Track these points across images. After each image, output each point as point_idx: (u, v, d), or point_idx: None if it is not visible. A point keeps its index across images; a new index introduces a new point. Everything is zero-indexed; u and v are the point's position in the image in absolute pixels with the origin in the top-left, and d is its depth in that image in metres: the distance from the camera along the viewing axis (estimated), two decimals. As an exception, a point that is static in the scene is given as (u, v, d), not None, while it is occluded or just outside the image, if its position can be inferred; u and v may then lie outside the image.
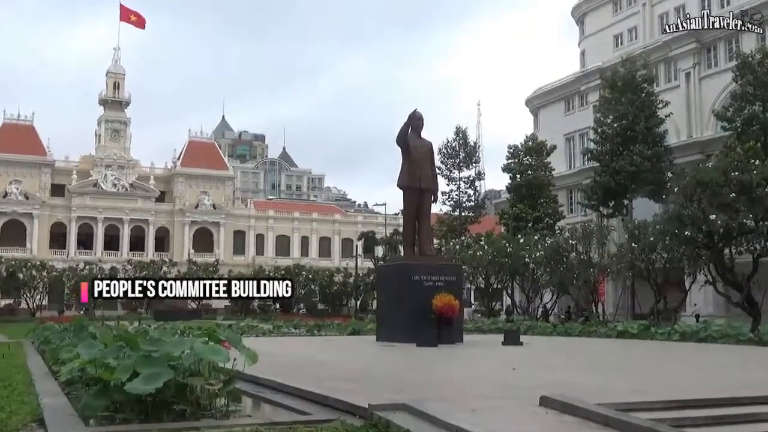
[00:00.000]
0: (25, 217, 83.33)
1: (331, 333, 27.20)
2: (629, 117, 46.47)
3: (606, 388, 8.77)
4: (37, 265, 64.35)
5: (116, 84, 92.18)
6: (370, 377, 10.12)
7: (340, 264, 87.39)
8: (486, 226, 61.15)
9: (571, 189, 61.25)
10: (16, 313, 61.23)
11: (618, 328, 23.79)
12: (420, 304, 17.87)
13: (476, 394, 8.21)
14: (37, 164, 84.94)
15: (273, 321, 35.33)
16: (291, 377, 9.36)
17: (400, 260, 21.18)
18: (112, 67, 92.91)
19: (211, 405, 6.89)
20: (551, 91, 64.96)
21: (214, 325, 23.78)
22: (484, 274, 46.16)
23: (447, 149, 64.99)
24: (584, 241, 40.47)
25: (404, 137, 19.40)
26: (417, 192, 19.56)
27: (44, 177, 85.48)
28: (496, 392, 8.47)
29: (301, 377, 9.53)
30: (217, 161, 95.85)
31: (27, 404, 8.03)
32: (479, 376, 10.72)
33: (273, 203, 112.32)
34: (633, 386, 8.98)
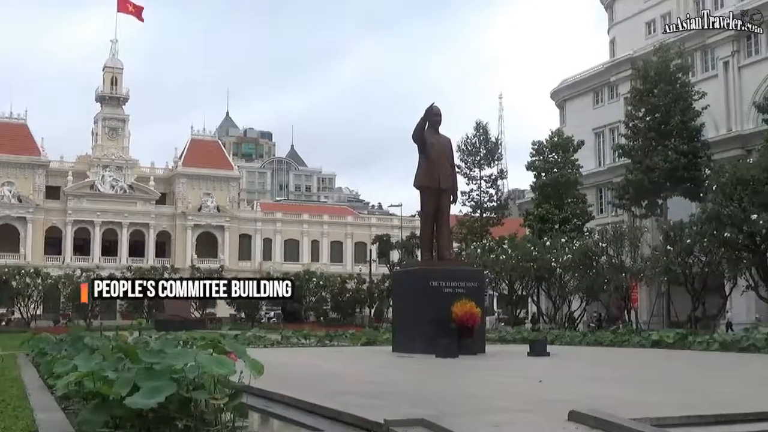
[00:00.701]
0: (18, 221, 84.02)
1: (343, 343, 27.20)
2: (663, 110, 46.26)
3: (641, 401, 8.71)
4: (31, 273, 64.81)
5: (114, 79, 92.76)
6: (386, 391, 10.11)
7: (353, 270, 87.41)
8: (509, 229, 61.02)
9: (600, 188, 61.02)
10: (9, 324, 61.70)
11: (652, 337, 23.64)
12: (439, 313, 17.84)
13: (499, 409, 8.18)
14: (30, 165, 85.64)
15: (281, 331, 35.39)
16: (302, 391, 9.36)
17: (418, 265, 21.15)
18: (110, 61, 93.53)
19: (216, 420, 6.90)
20: (578, 82, 64.76)
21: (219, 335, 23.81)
22: (507, 279, 46.08)
23: (467, 146, 64.97)
24: (615, 243, 40.32)
25: (421, 133, 19.37)
26: (435, 192, 19.53)
27: (38, 178, 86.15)
28: (521, 406, 8.43)
29: (313, 391, 9.54)
30: (221, 160, 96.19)
31: (21, 420, 8.08)
32: (503, 389, 10.69)
33: (281, 205, 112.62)
34: (671, 400, 8.92)
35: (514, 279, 45.75)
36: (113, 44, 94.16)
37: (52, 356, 12.89)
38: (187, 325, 46.01)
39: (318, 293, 69.19)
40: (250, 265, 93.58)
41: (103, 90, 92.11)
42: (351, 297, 68.24)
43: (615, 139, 58.73)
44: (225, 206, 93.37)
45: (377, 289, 66.89)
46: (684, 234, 36.55)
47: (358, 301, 68.67)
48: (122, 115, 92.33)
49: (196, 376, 6.96)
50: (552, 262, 42.37)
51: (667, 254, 36.40)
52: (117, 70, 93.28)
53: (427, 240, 20.18)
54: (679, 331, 25.26)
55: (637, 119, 48.13)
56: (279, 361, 15.52)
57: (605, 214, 59.64)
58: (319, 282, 68.74)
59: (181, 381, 6.79)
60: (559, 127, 61.78)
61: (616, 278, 39.25)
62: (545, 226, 52.05)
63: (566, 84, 66.47)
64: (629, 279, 39.86)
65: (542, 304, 48.89)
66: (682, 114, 46.23)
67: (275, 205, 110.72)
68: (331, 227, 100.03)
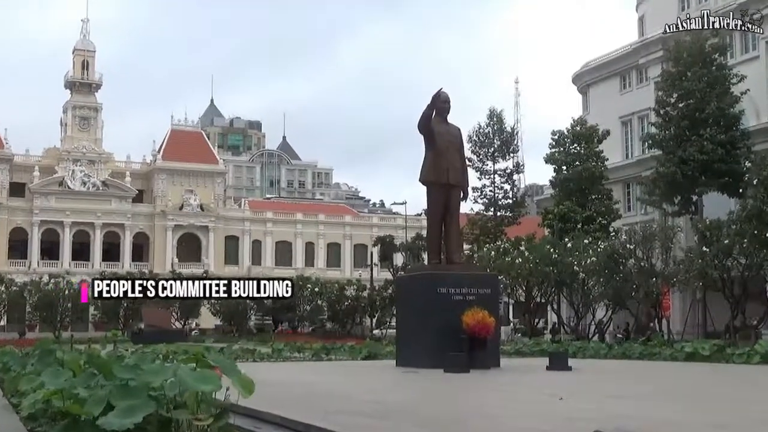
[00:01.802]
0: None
1: (342, 357, 27.22)
2: (697, 95, 46.22)
3: (672, 420, 8.71)
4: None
5: (85, 63, 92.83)
6: (389, 410, 10.12)
7: (352, 275, 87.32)
8: (526, 228, 61.02)
9: (628, 182, 60.99)
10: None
11: (686, 349, 23.64)
12: (448, 322, 17.84)
13: (516, 429, 8.18)
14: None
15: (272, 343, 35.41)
16: (295, 410, 9.37)
17: (424, 270, 21.16)
18: (80, 43, 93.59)
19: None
20: (604, 65, 64.72)
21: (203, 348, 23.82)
22: (524, 285, 46.06)
23: (479, 136, 65.00)
24: (645, 244, 40.29)
25: (427, 123, 19.37)
26: (443, 188, 19.53)
27: (1, 174, 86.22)
28: (540, 426, 8.43)
29: (308, 410, 9.54)
30: (204, 153, 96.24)
31: (-18, 444, 8.08)
32: (519, 407, 10.69)
33: (271, 203, 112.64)
34: (705, 419, 8.92)
35: (532, 285, 45.71)
36: (84, 24, 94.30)
37: (16, 372, 12.90)
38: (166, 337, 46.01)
39: (313, 301, 69.17)
40: (237, 269, 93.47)
41: (73, 75, 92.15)
42: (350, 305, 68.18)
43: (644, 128, 58.68)
44: (209, 204, 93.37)
45: (379, 297, 66.85)
46: (721, 234, 36.51)
47: (358, 310, 68.61)
48: (94, 103, 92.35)
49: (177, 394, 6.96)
50: (574, 266, 42.33)
51: (702, 256, 36.35)
52: (89, 53, 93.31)
53: (435, 242, 20.18)
54: (716, 342, 25.26)
55: (669, 106, 48.08)
56: (270, 376, 15.53)
57: (633, 212, 59.57)
58: (315, 289, 68.69)
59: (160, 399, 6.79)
60: (581, 115, 61.73)
61: (646, 284, 39.21)
62: (566, 226, 52.00)
63: (590, 67, 66.41)
64: (660, 284, 39.82)
65: (563, 313, 48.85)
66: (718, 100, 46.18)
67: (265, 203, 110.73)
68: (327, 228, 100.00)
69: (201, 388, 7.04)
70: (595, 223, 52.43)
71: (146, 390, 6.81)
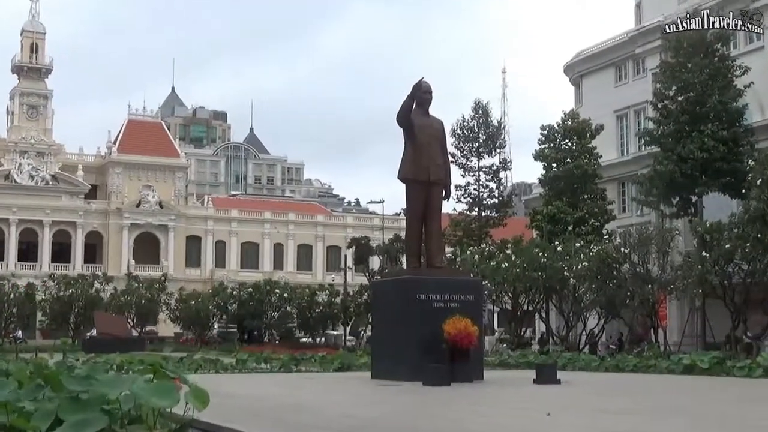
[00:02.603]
0: None
1: (312, 369, 27.20)
2: (698, 88, 46.53)
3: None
4: (-70, 282, 64.28)
5: (34, 46, 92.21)
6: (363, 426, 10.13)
7: (325, 279, 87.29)
8: (513, 230, 61.23)
9: (623, 181, 61.31)
10: None
11: (684, 361, 23.81)
12: (428, 331, 17.87)
13: (500, 448, 8.21)
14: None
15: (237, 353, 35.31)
16: (260, 426, 9.35)
17: (402, 274, 21.18)
18: (28, 24, 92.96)
19: (156, 461, 6.89)
20: (598, 54, 65.01)
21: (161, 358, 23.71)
22: (510, 292, 46.20)
23: (463, 130, 65.11)
24: (641, 248, 40.52)
25: (407, 115, 19.38)
26: (424, 186, 19.55)
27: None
28: (527, 445, 8.47)
29: (274, 426, 9.53)
30: (164, 146, 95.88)
31: None
32: (504, 423, 10.73)
33: (237, 200, 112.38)
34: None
35: (519, 291, 45.86)
36: (33, 3, 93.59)
37: (-44, 383, 12.81)
38: (121, 346, 45.76)
39: (281, 308, 69.01)
40: (199, 273, 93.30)
41: (21, 59, 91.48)
42: (322, 312, 68.10)
43: (641, 123, 58.98)
44: (169, 202, 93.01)
45: (353, 303, 66.84)
46: (723, 237, 36.74)
47: (331, 318, 68.54)
48: (44, 90, 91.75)
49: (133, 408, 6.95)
50: (564, 271, 42.50)
51: (702, 262, 36.59)
52: (38, 36, 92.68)
53: (415, 244, 20.21)
54: (715, 354, 25.45)
55: (668, 99, 48.35)
56: (234, 389, 15.48)
57: (628, 213, 59.89)
58: (283, 294, 68.53)
59: (113, 413, 6.77)
60: (573, 108, 62.00)
61: (641, 291, 39.45)
62: (556, 228, 52.20)
63: (583, 56, 66.68)
64: (657, 292, 40.07)
65: (552, 322, 49.04)
66: (720, 93, 46.50)
67: (230, 201, 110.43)
68: (298, 228, 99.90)
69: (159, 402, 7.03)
70: (587, 225, 52.67)
71: (99, 403, 6.79)
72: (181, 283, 79.47)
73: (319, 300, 68.07)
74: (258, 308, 66.18)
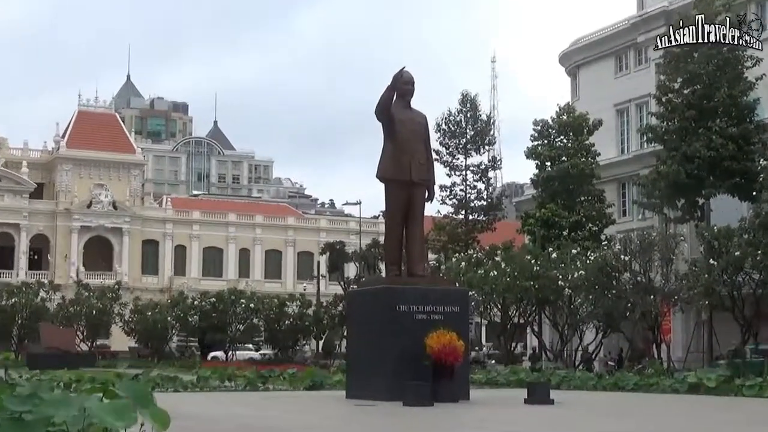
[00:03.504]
0: None
1: (281, 387, 27.14)
2: (706, 80, 46.78)
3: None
4: None
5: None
6: (336, 450, 10.13)
7: (295, 288, 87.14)
8: (503, 235, 61.31)
9: (623, 182, 61.60)
10: None
11: (689, 379, 23.91)
12: (408, 346, 17.87)
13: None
14: None
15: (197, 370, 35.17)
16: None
17: (381, 283, 21.17)
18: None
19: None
20: (596, 42, 65.30)
21: (114, 375, 23.59)
22: (500, 303, 46.26)
23: (449, 125, 65.26)
24: (642, 256, 40.68)
25: (387, 108, 19.38)
26: (405, 186, 19.56)
27: None
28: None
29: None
30: (119, 140, 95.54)
31: None
32: (492, 448, 10.76)
33: (199, 201, 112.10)
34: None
35: (509, 303, 45.93)
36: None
37: None
38: (70, 361, 45.50)
39: (247, 320, 68.83)
40: (156, 281, 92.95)
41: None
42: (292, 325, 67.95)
43: (643, 118, 59.28)
44: (124, 202, 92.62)
45: (327, 315, 66.75)
46: (732, 244, 36.97)
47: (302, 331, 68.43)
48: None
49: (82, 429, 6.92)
50: (559, 281, 42.61)
51: (709, 270, 36.80)
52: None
53: (394, 250, 20.21)
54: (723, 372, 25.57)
55: (672, 92, 48.57)
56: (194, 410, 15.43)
57: (629, 216, 60.16)
58: (249, 305, 68.33)
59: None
60: (569, 102, 62.19)
61: (643, 302, 39.59)
62: (550, 233, 52.35)
63: (580, 45, 66.96)
64: (660, 303, 40.25)
65: (545, 337, 49.17)
66: (730, 86, 46.75)
67: (191, 202, 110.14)
68: (266, 231, 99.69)
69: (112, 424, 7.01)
70: (584, 230, 52.85)
71: (44, 425, 6.76)
72: (136, 292, 79.13)
73: (288, 311, 67.88)
74: (222, 320, 65.93)
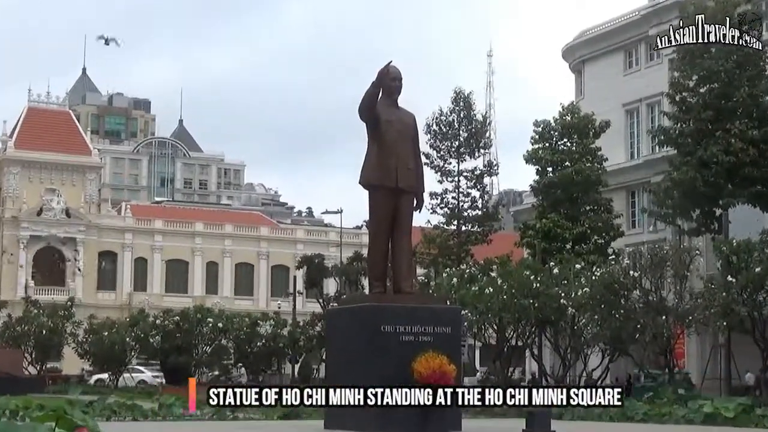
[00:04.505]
0: None
1: (253, 416, 27.13)
2: (724, 77, 46.92)
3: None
4: None
5: None
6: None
7: (269, 306, 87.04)
8: (499, 248, 61.30)
9: (633, 190, 61.76)
10: None
11: (705, 408, 23.97)
12: (394, 371, 17.87)
13: None
14: None
15: (159, 396, 35.08)
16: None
17: (364, 301, 21.16)
18: None
19: None
20: (604, 35, 65.50)
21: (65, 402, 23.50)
22: (495, 323, 46.27)
23: (440, 125, 65.20)
24: (653, 272, 40.74)
25: (372, 107, 19.37)
26: (391, 193, 19.56)
27: None
28: None
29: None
30: (73, 141, 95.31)
31: None
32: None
33: (162, 209, 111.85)
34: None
35: (506, 323, 45.92)
36: None
37: None
38: (17, 387, 45.34)
39: (215, 340, 68.73)
40: (114, 297, 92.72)
41: None
42: (265, 347, 67.88)
43: (655, 119, 59.46)
44: (78, 209, 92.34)
45: (304, 336, 66.69)
46: (752, 259, 37.08)
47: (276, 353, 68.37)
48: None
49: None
50: (561, 299, 42.65)
51: (727, 288, 36.89)
52: None
53: (379, 264, 20.20)
54: (742, 400, 25.64)
55: (687, 91, 48.68)
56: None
57: (639, 228, 60.29)
58: (218, 324, 68.26)
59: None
60: (573, 101, 62.36)
61: (654, 323, 39.65)
62: (552, 246, 52.38)
63: (586, 37, 67.13)
64: (673, 324, 40.30)
65: (546, 361, 49.19)
66: (750, 84, 46.92)
67: (154, 209, 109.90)
68: (236, 243, 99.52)
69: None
70: (589, 243, 52.93)
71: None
72: (91, 310, 78.83)
73: (261, 332, 67.80)
74: (186, 341, 65.76)
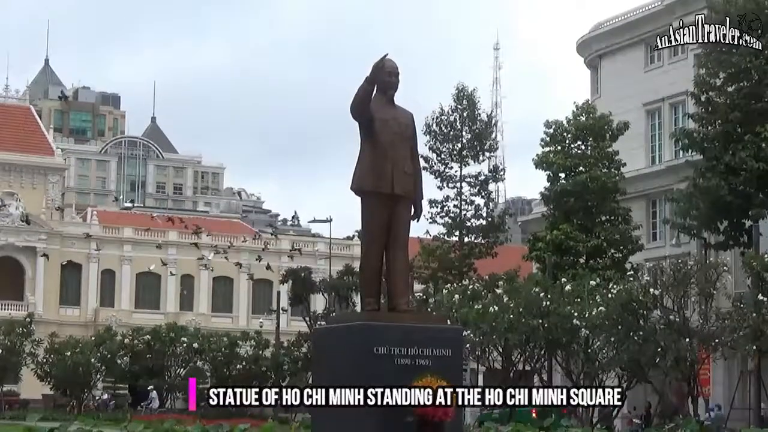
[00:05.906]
0: None
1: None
2: (754, 75, 47.02)
3: None
4: None
5: None
6: None
7: (250, 324, 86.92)
8: (506, 262, 61.45)
9: (653, 199, 61.84)
10: None
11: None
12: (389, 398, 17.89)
13: None
14: None
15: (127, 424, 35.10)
16: None
17: (355, 320, 21.15)
18: None
19: None
20: (622, 28, 65.65)
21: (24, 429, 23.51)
22: (501, 345, 46.30)
23: (441, 126, 65.34)
24: (676, 290, 40.77)
25: (365, 105, 19.38)
26: (386, 200, 19.56)
27: None
28: None
29: None
30: (33, 139, 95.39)
31: None
32: None
33: (132, 215, 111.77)
34: None
35: (513, 345, 45.97)
36: None
37: None
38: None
39: (190, 362, 68.70)
40: (78, 313, 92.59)
41: None
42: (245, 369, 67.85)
43: (679, 121, 59.55)
44: (39, 215, 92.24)
45: (288, 358, 66.68)
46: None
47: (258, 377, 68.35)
48: None
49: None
50: (574, 319, 42.67)
51: (757, 308, 36.95)
52: None
53: (372, 278, 20.21)
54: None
55: (714, 90, 48.75)
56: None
57: (660, 241, 60.33)
58: (193, 344, 68.22)
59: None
60: (589, 100, 62.41)
61: (677, 346, 39.67)
62: (564, 260, 52.45)
63: (603, 30, 67.25)
64: (697, 348, 40.32)
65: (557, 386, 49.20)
66: (783, 83, 47.13)
67: (123, 216, 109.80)
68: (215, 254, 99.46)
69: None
70: (605, 257, 52.98)
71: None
72: (53, 327, 78.70)
73: (241, 353, 67.77)
74: (158, 363, 65.67)
